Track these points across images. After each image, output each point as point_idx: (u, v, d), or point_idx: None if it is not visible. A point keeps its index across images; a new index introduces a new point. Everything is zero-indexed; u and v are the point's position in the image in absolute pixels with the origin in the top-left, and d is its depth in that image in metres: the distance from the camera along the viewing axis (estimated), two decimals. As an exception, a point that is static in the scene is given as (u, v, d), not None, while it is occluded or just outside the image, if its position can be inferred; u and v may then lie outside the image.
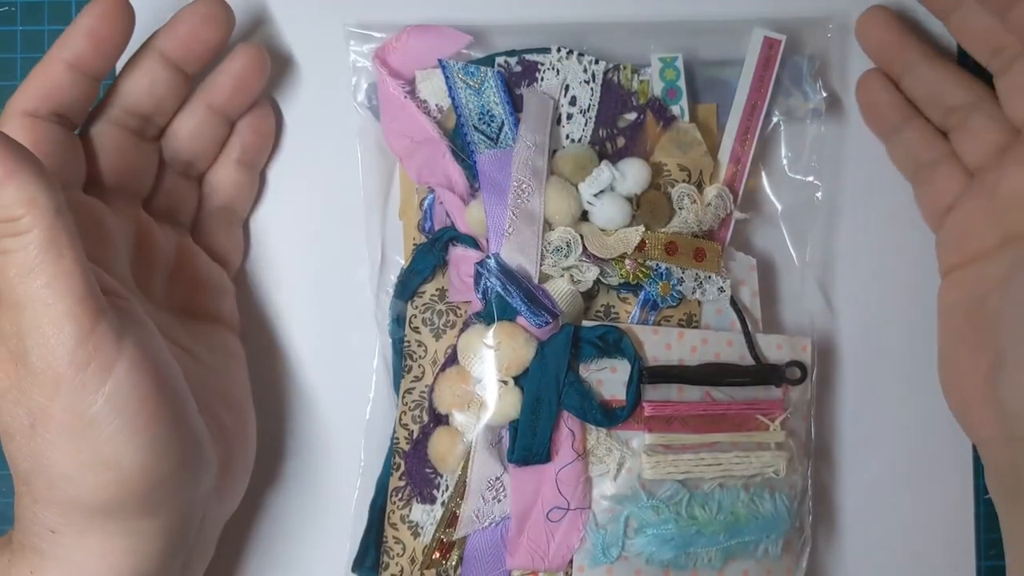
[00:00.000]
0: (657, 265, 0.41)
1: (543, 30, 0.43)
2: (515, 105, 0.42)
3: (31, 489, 0.33)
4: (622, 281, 0.41)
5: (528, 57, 0.42)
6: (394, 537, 0.41)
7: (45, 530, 0.34)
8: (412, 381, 0.42)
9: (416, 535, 0.41)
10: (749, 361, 0.42)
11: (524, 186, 0.40)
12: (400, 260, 0.43)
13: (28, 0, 0.45)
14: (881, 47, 0.44)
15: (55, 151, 0.37)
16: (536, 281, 0.40)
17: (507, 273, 0.39)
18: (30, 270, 0.31)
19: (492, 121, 0.41)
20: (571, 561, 0.39)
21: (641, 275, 0.41)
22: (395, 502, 0.41)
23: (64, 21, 0.45)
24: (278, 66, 0.45)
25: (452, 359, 0.41)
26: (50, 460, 0.32)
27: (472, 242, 0.41)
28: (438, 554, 0.40)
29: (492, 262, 0.39)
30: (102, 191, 0.39)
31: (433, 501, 0.41)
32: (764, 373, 0.42)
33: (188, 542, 0.37)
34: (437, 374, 0.41)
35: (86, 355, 0.32)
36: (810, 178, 0.45)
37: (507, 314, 0.39)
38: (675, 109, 0.43)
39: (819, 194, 0.44)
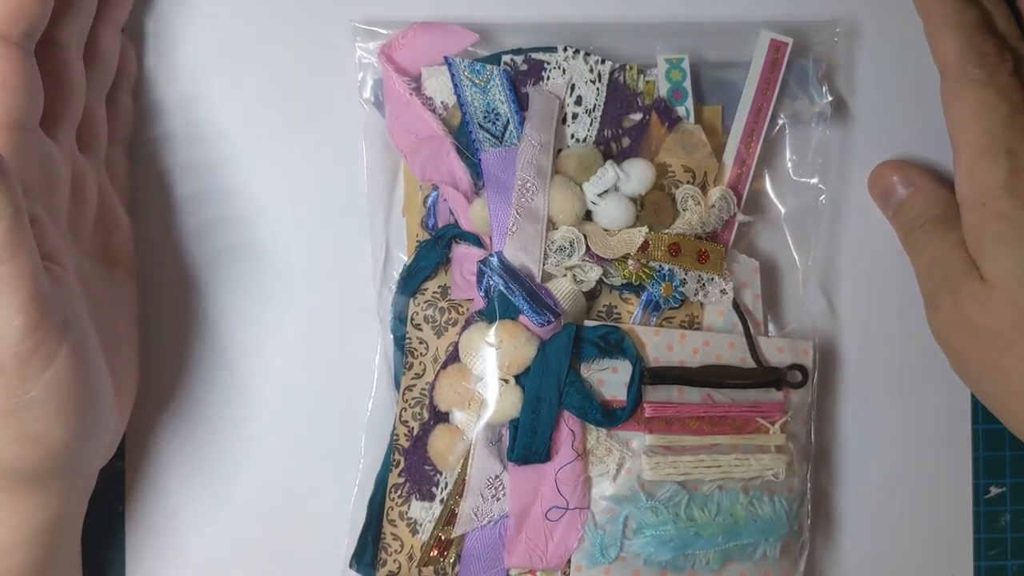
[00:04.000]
0: (660, 266, 0.41)
1: (550, 29, 0.43)
2: (521, 104, 0.42)
3: None
4: (625, 281, 0.41)
5: (534, 56, 0.42)
6: (392, 534, 0.41)
7: None
8: (413, 378, 0.42)
9: (414, 532, 0.41)
10: (750, 363, 0.42)
11: (528, 185, 0.40)
12: (403, 257, 0.43)
13: None
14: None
15: (29, 82, 0.36)
16: (539, 280, 0.40)
17: (510, 271, 0.39)
18: None
19: (497, 119, 0.41)
20: (569, 561, 0.39)
21: (644, 276, 0.41)
22: (394, 499, 0.41)
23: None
24: (284, 61, 0.45)
25: (453, 357, 0.41)
26: None
27: (475, 240, 0.41)
28: (436, 551, 0.40)
29: (495, 260, 0.39)
30: (50, 124, 0.38)
31: (432, 498, 0.41)
32: (765, 376, 0.42)
33: (89, 489, 0.39)
34: (438, 371, 0.41)
35: (32, 347, 0.32)
36: (814, 181, 0.45)
37: (509, 312, 0.39)
38: (680, 110, 0.43)
39: (823, 198, 0.44)
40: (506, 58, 0.42)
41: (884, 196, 0.45)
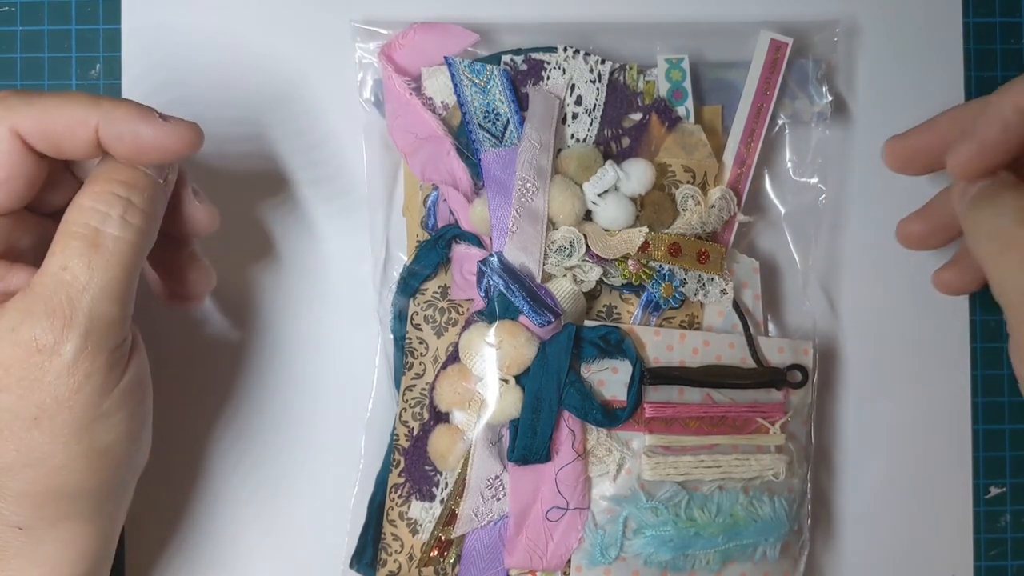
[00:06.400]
0: (660, 266, 0.41)
1: (550, 29, 0.43)
2: (520, 104, 0.42)
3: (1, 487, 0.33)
4: (625, 282, 0.41)
5: (534, 56, 0.42)
6: (392, 534, 0.41)
7: (10, 528, 0.34)
8: (413, 378, 0.42)
9: (414, 532, 0.41)
10: (750, 364, 0.42)
11: (528, 185, 0.40)
12: (403, 257, 0.43)
13: (28, 0, 0.45)
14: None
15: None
16: (539, 280, 0.40)
17: (510, 272, 0.39)
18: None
19: (497, 119, 0.41)
20: (569, 561, 0.39)
21: (644, 276, 0.41)
22: (394, 499, 0.41)
23: (64, 21, 0.45)
24: (285, 61, 0.45)
25: (453, 357, 0.41)
26: (45, 452, 0.33)
27: (475, 240, 0.41)
28: (436, 552, 0.40)
29: (495, 260, 0.39)
30: None
31: (432, 499, 0.41)
32: (765, 376, 0.42)
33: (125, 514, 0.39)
34: (438, 372, 0.41)
35: (125, 351, 0.33)
36: (814, 181, 0.45)
37: (509, 313, 0.39)
38: (680, 110, 0.43)
39: (823, 197, 0.44)
40: (506, 58, 0.42)
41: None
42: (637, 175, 0.41)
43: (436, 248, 0.41)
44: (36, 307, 0.32)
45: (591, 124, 0.42)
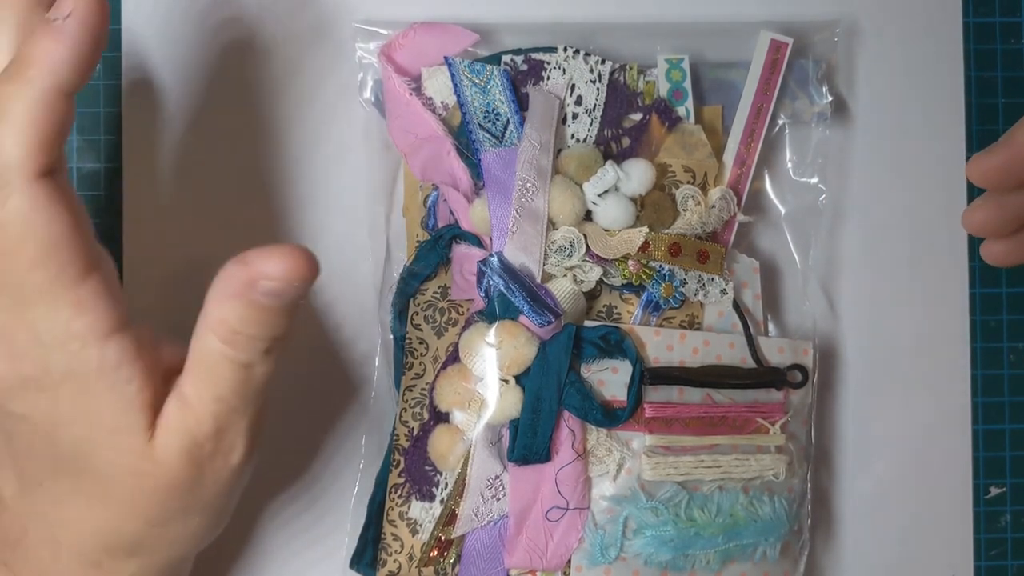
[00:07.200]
0: (660, 266, 0.41)
1: (550, 29, 0.43)
2: (521, 104, 0.42)
3: (71, 542, 0.34)
4: (625, 282, 0.41)
5: (534, 56, 0.42)
6: (392, 534, 0.41)
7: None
8: (413, 378, 0.42)
9: (414, 532, 0.41)
10: (750, 364, 0.42)
11: (528, 185, 0.40)
12: (403, 257, 0.43)
13: None
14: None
15: None
16: (539, 280, 0.40)
17: (510, 272, 0.39)
18: None
19: (497, 119, 0.41)
20: (569, 561, 0.39)
21: (644, 276, 0.41)
22: (394, 499, 0.41)
23: (69, 14, 0.45)
24: (285, 61, 0.45)
25: (453, 357, 0.41)
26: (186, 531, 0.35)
27: (475, 240, 0.41)
28: (436, 552, 0.40)
29: (495, 260, 0.39)
30: None
31: (432, 499, 0.41)
32: (765, 376, 0.42)
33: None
34: (438, 372, 0.41)
35: None
36: (814, 181, 0.45)
37: (509, 313, 0.39)
38: (680, 110, 0.43)
39: (823, 198, 0.44)
40: (506, 58, 0.42)
41: None
42: (637, 175, 0.41)
43: (436, 248, 0.41)
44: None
45: (591, 124, 0.42)
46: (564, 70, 0.42)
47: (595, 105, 0.42)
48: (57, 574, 0.34)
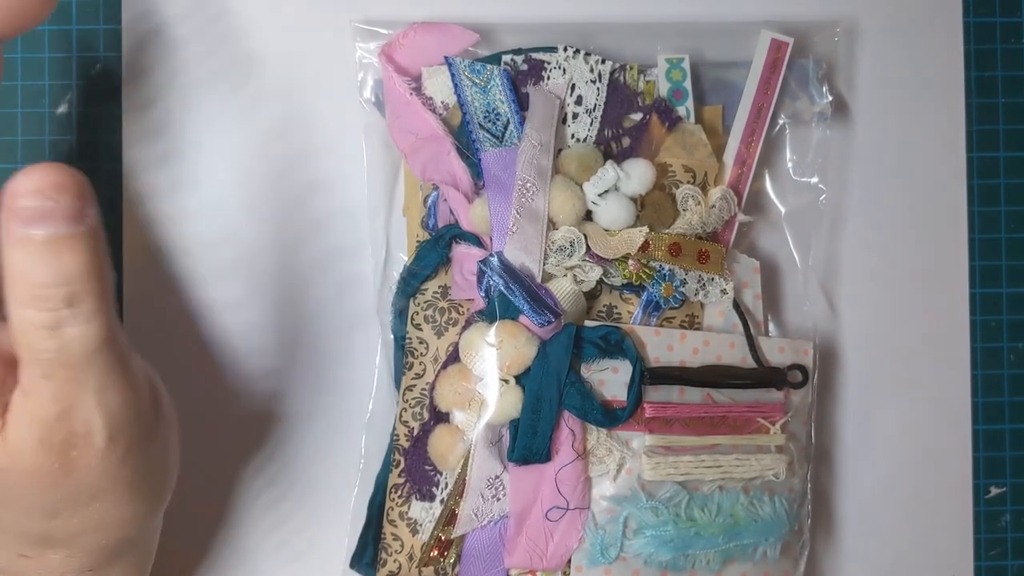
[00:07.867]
0: (660, 266, 0.41)
1: (550, 29, 0.43)
2: (521, 103, 0.42)
3: (73, 542, 0.34)
4: (625, 282, 0.41)
5: (535, 56, 0.42)
6: (392, 534, 0.41)
7: (82, 573, 0.35)
8: (413, 378, 0.42)
9: (415, 532, 0.41)
10: (751, 364, 0.42)
11: (528, 185, 0.40)
12: (403, 257, 0.43)
13: None
14: None
15: None
16: (539, 280, 0.40)
17: (510, 271, 0.39)
18: None
19: (498, 119, 0.41)
20: (569, 561, 0.39)
21: (644, 276, 0.41)
22: (394, 499, 0.41)
23: (64, 21, 0.45)
24: (285, 61, 0.45)
25: (454, 357, 0.41)
26: (109, 517, 0.34)
27: (476, 240, 0.41)
28: (436, 552, 0.40)
29: (495, 260, 0.39)
30: None
31: (432, 499, 0.41)
32: (766, 376, 0.42)
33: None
34: (438, 372, 0.41)
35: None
36: (814, 181, 0.45)
37: (509, 313, 0.39)
38: (681, 110, 0.43)
39: (823, 197, 0.44)
40: (506, 58, 0.42)
41: None
42: (637, 175, 0.41)
43: (436, 248, 0.41)
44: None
45: (591, 124, 0.42)
46: (564, 70, 0.42)
47: (595, 105, 0.42)
48: None
